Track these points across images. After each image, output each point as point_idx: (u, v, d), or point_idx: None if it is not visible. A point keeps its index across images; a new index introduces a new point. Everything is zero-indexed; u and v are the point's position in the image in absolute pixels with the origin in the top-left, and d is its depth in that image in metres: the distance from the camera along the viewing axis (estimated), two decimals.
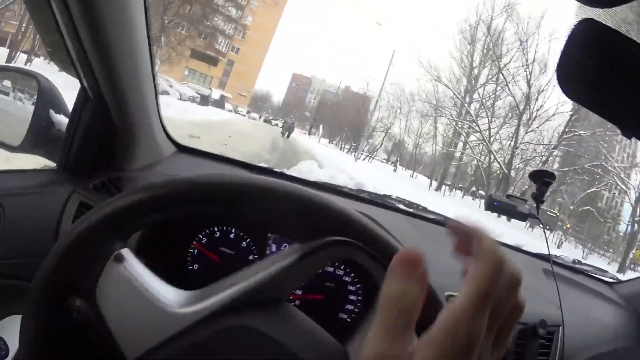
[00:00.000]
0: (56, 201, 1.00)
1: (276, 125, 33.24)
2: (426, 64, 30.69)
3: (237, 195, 0.55)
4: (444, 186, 24.54)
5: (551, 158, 20.97)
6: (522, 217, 1.11)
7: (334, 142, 35.43)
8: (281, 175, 1.33)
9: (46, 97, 1.18)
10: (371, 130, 29.99)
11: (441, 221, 1.32)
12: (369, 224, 0.57)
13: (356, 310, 0.99)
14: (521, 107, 21.71)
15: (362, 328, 0.62)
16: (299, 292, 0.99)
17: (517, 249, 1.40)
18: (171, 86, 20.43)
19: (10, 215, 0.96)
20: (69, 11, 0.82)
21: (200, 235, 1.00)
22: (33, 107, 1.13)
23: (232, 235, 1.00)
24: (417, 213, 1.33)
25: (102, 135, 1.07)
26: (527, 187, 18.65)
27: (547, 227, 1.11)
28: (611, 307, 1.34)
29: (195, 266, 1.00)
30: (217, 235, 1.00)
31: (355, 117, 33.34)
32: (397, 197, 1.41)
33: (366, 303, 0.98)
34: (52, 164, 1.14)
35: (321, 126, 37.36)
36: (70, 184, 1.03)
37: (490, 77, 23.31)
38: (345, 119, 34.08)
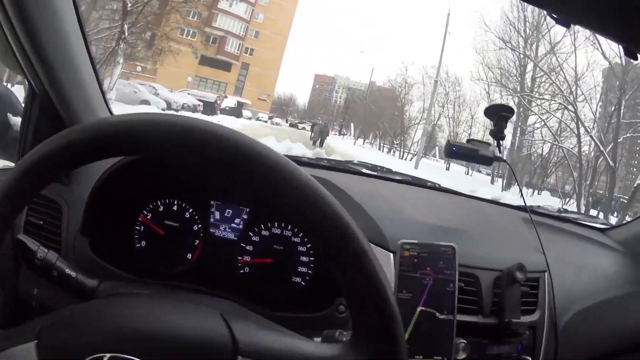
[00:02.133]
0: None
1: (303, 129, 30.20)
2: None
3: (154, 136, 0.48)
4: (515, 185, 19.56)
5: None
6: (487, 160, 1.03)
7: (369, 141, 31.24)
8: None
9: (2, 101, 1.22)
10: (417, 122, 24.97)
11: (408, 180, 1.28)
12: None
13: (309, 272, 0.95)
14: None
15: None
16: (247, 257, 0.96)
17: (494, 202, 1.34)
18: (157, 94, 17.84)
19: None
20: (6, 14, 0.85)
21: (144, 212, 0.99)
22: None
23: (175, 208, 0.99)
24: (381, 175, 1.30)
25: (51, 129, 1.07)
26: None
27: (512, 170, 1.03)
28: (607, 253, 1.26)
29: (143, 243, 0.99)
30: (161, 209, 0.99)
31: (390, 111, 27.85)
32: (359, 161, 1.38)
33: (318, 264, 0.95)
34: (11, 164, 1.18)
35: (352, 125, 33.85)
36: None
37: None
38: (379, 114, 29.38)
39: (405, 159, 22.15)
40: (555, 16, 0.64)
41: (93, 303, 0.58)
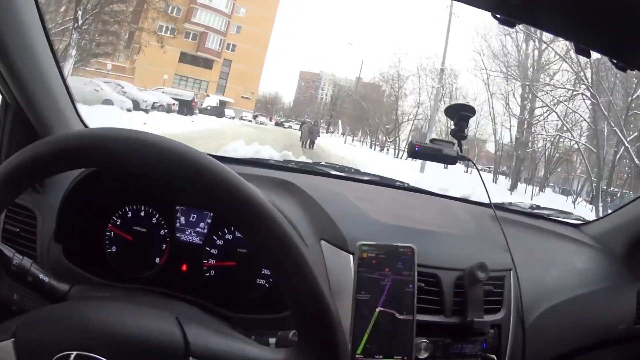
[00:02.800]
0: None
1: (290, 127, 28.62)
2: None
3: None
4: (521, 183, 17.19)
5: None
6: (451, 160, 1.03)
7: (359, 139, 29.76)
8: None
9: None
10: (412, 118, 23.33)
11: (376, 181, 1.29)
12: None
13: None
14: None
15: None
16: (212, 261, 0.98)
17: (463, 200, 1.34)
18: (124, 92, 15.95)
19: None
20: None
21: (114, 218, 1.01)
22: None
23: (142, 214, 1.01)
24: (349, 176, 1.30)
25: (26, 141, 1.08)
26: None
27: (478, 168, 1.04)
28: (579, 249, 1.26)
29: (114, 248, 1.01)
30: (129, 215, 1.01)
31: (382, 107, 26.39)
32: (327, 162, 1.38)
33: None
34: None
35: (340, 122, 32.35)
36: None
37: None
38: (370, 109, 27.69)
39: (400, 158, 20.39)
40: (498, 16, 0.64)
41: (62, 305, 0.61)
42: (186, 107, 19.16)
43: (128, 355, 0.50)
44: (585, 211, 11.97)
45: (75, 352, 0.49)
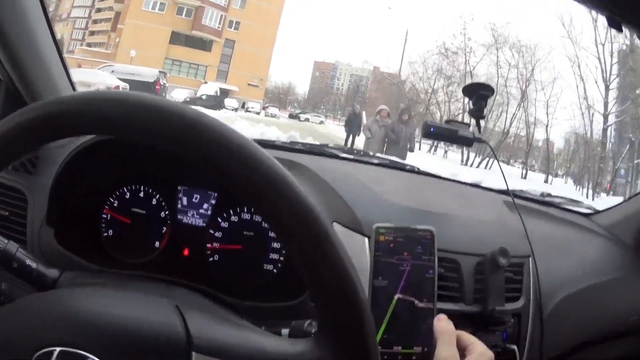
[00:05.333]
0: None
1: (307, 120, 25.16)
2: None
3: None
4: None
5: None
6: (467, 141, 1.00)
7: None
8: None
9: None
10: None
11: (386, 164, 1.26)
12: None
13: (281, 259, 0.92)
14: None
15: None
16: (216, 244, 0.93)
17: (476, 185, 1.30)
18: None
19: None
20: None
21: (110, 200, 0.96)
22: None
23: (141, 194, 0.96)
24: (359, 158, 1.26)
25: None
26: None
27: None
28: (591, 238, 1.23)
29: (110, 232, 0.96)
30: (127, 196, 0.96)
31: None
32: (334, 144, 1.35)
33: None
34: None
35: (364, 114, 30.40)
36: None
37: None
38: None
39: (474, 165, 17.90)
40: None
41: (47, 293, 0.53)
42: (147, 91, 16.19)
43: (120, 350, 0.42)
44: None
45: (59, 349, 0.40)
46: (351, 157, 1.27)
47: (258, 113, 23.62)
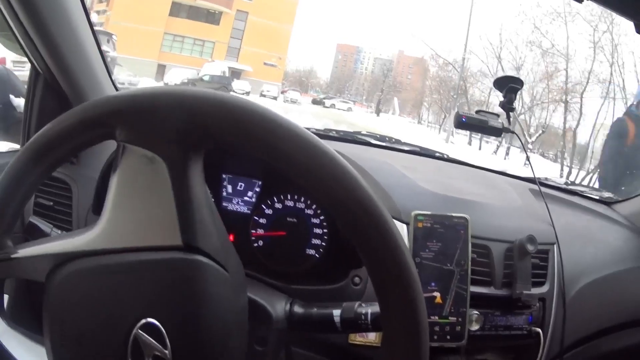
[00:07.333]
0: None
1: (332, 106, 22.03)
2: None
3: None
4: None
5: None
6: (496, 132, 1.03)
7: (434, 124, 23.40)
8: None
9: (3, 82, 1.21)
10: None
11: (416, 151, 1.29)
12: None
13: (323, 244, 0.95)
14: None
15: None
16: (261, 230, 0.96)
17: (502, 172, 1.33)
18: None
19: None
20: None
21: None
22: None
23: None
24: (390, 145, 1.29)
25: (56, 109, 1.07)
26: None
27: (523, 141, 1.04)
28: (613, 227, 1.26)
29: None
30: None
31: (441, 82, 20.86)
32: (368, 132, 1.37)
33: (332, 235, 0.95)
34: (16, 146, 1.17)
35: (396, 100, 25.23)
36: None
37: None
38: (421, 86, 23.37)
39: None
40: None
41: None
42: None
43: None
44: None
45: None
46: (383, 144, 1.29)
47: (275, 98, 20.23)
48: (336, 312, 0.64)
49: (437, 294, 0.84)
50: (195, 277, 0.47)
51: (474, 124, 1.03)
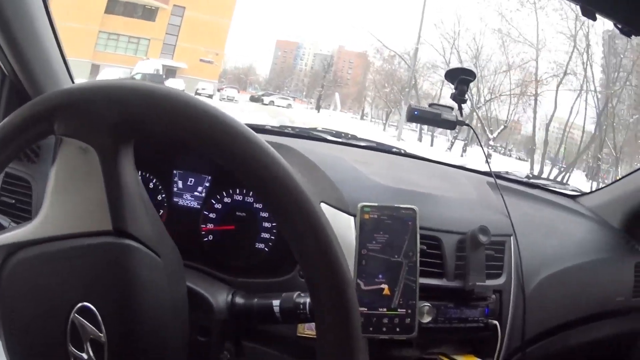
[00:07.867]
0: None
1: (271, 103, 21.55)
2: None
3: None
4: None
5: None
6: (450, 124, 1.03)
7: (377, 119, 23.67)
8: None
9: None
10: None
11: (372, 146, 1.29)
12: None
13: (272, 238, 0.95)
14: None
15: None
16: (211, 225, 0.97)
17: (460, 167, 1.34)
18: None
19: None
20: None
21: None
22: None
23: (139, 178, 1.00)
24: (346, 141, 1.30)
25: None
26: None
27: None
28: (576, 220, 1.26)
29: None
30: None
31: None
32: (323, 128, 1.38)
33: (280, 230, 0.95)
34: None
35: (337, 95, 24.57)
36: None
37: None
38: (362, 81, 23.53)
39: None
40: None
41: None
42: None
43: None
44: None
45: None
46: (339, 140, 1.30)
47: (211, 96, 19.01)
48: (276, 302, 0.64)
49: (384, 285, 0.83)
50: (125, 260, 0.48)
51: (427, 117, 1.03)
